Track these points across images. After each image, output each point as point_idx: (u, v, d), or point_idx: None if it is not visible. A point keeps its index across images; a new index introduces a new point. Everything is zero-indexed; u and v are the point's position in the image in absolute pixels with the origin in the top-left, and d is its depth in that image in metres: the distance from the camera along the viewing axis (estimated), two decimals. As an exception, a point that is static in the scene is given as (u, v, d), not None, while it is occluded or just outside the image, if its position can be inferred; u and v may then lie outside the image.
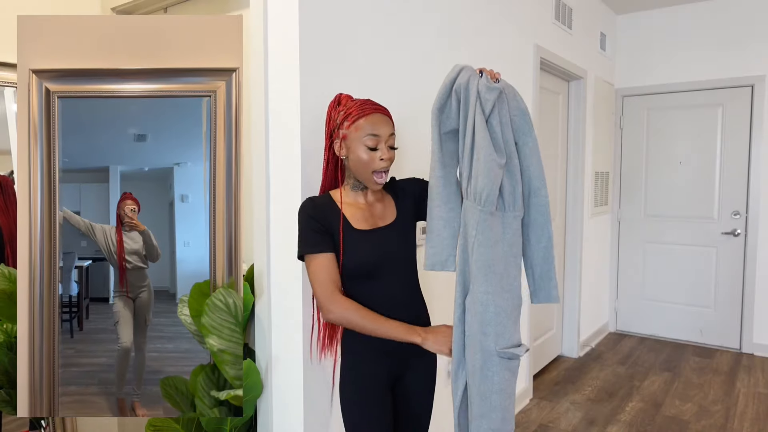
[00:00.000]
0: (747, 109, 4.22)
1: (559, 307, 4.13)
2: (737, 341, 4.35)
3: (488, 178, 1.31)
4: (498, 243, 1.35)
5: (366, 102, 1.46)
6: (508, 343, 1.35)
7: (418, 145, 2.21)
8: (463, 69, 1.37)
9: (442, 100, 1.39)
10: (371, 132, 1.41)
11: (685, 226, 4.50)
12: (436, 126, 1.40)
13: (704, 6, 4.34)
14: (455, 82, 1.36)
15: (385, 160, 1.43)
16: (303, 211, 1.47)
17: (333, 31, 1.81)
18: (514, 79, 3.04)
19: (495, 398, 1.35)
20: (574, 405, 3.32)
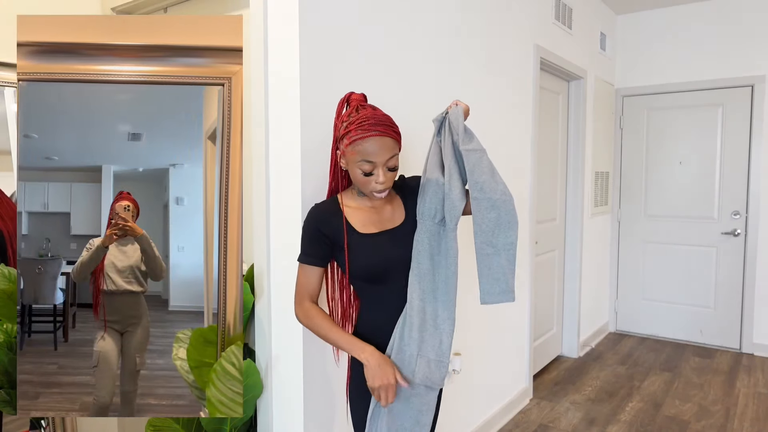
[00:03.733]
0: (747, 109, 4.22)
1: (559, 307, 4.13)
2: (737, 341, 4.35)
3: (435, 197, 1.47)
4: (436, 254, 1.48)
5: (368, 119, 1.37)
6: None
7: (418, 145, 2.21)
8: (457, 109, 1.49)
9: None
10: (366, 158, 1.36)
11: (685, 226, 4.50)
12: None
13: (704, 6, 4.34)
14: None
15: (380, 183, 1.39)
16: (307, 218, 1.48)
17: (333, 32, 1.81)
18: (514, 79, 3.04)
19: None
20: (574, 405, 3.32)
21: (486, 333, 2.87)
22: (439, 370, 1.45)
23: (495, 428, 2.97)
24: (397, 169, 1.44)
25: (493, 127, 2.84)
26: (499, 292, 1.46)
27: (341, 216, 1.47)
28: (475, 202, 1.42)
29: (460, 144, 1.42)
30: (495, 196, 1.42)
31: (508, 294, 1.46)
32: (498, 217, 1.42)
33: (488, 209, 1.42)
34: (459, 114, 1.43)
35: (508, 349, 3.13)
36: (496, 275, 1.45)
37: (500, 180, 1.44)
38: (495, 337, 2.97)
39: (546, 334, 3.92)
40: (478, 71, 2.67)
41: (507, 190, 1.43)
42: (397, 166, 1.43)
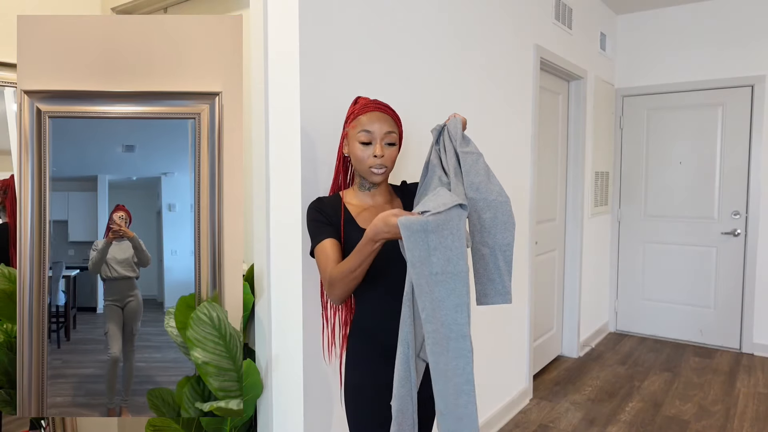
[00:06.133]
0: (747, 109, 4.22)
1: (559, 307, 4.13)
2: (737, 341, 4.35)
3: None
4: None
5: (371, 101, 1.50)
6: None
7: (418, 146, 2.21)
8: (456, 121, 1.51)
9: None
10: (364, 128, 1.45)
11: (685, 226, 4.50)
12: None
13: (704, 6, 4.34)
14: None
15: (378, 156, 1.45)
16: (309, 208, 1.53)
17: (333, 33, 1.81)
18: (514, 79, 3.04)
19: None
20: (574, 405, 3.32)
21: (486, 333, 2.87)
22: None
23: (495, 428, 2.97)
24: (396, 148, 1.49)
25: (493, 127, 2.84)
26: (495, 294, 1.47)
27: (342, 208, 1.52)
28: (472, 202, 1.43)
29: (458, 147, 1.45)
30: (491, 197, 1.43)
31: (505, 295, 1.47)
32: (494, 217, 1.43)
33: (484, 209, 1.43)
34: (458, 123, 1.48)
35: (508, 349, 3.13)
36: (492, 276, 1.46)
37: (496, 182, 1.45)
38: (495, 337, 2.97)
39: (546, 334, 3.92)
40: (478, 71, 2.67)
41: (503, 191, 1.45)
42: (395, 144, 1.48)
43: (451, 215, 1.24)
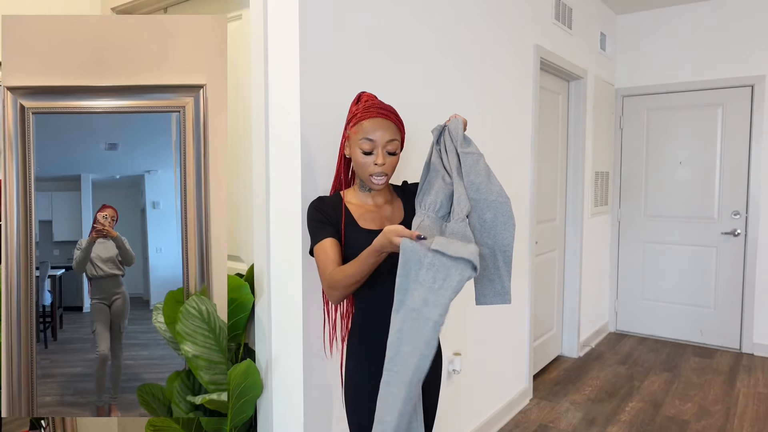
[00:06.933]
0: (747, 109, 4.22)
1: (559, 307, 4.13)
2: (737, 341, 4.35)
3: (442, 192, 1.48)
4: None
5: (375, 105, 1.47)
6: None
7: (419, 146, 2.21)
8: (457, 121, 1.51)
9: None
10: (366, 136, 1.43)
11: (685, 226, 4.50)
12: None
13: (704, 6, 4.34)
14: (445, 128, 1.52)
15: (379, 165, 1.44)
16: (310, 207, 1.52)
17: (333, 33, 1.81)
18: (514, 79, 3.04)
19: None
20: (574, 405, 3.32)
21: (486, 333, 2.87)
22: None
23: (495, 428, 2.97)
24: (397, 156, 1.48)
25: (493, 127, 2.84)
26: (494, 294, 1.47)
27: (343, 208, 1.52)
28: (472, 202, 1.43)
29: (458, 147, 1.45)
30: (491, 197, 1.43)
31: (504, 296, 1.47)
32: (494, 218, 1.44)
33: (484, 210, 1.43)
34: (459, 124, 1.48)
35: (508, 349, 3.13)
36: (492, 276, 1.46)
37: (496, 182, 1.46)
38: (495, 338, 2.97)
39: (546, 334, 3.92)
40: (478, 72, 2.67)
41: (503, 192, 1.45)
42: (396, 153, 1.47)
43: (456, 266, 1.19)
